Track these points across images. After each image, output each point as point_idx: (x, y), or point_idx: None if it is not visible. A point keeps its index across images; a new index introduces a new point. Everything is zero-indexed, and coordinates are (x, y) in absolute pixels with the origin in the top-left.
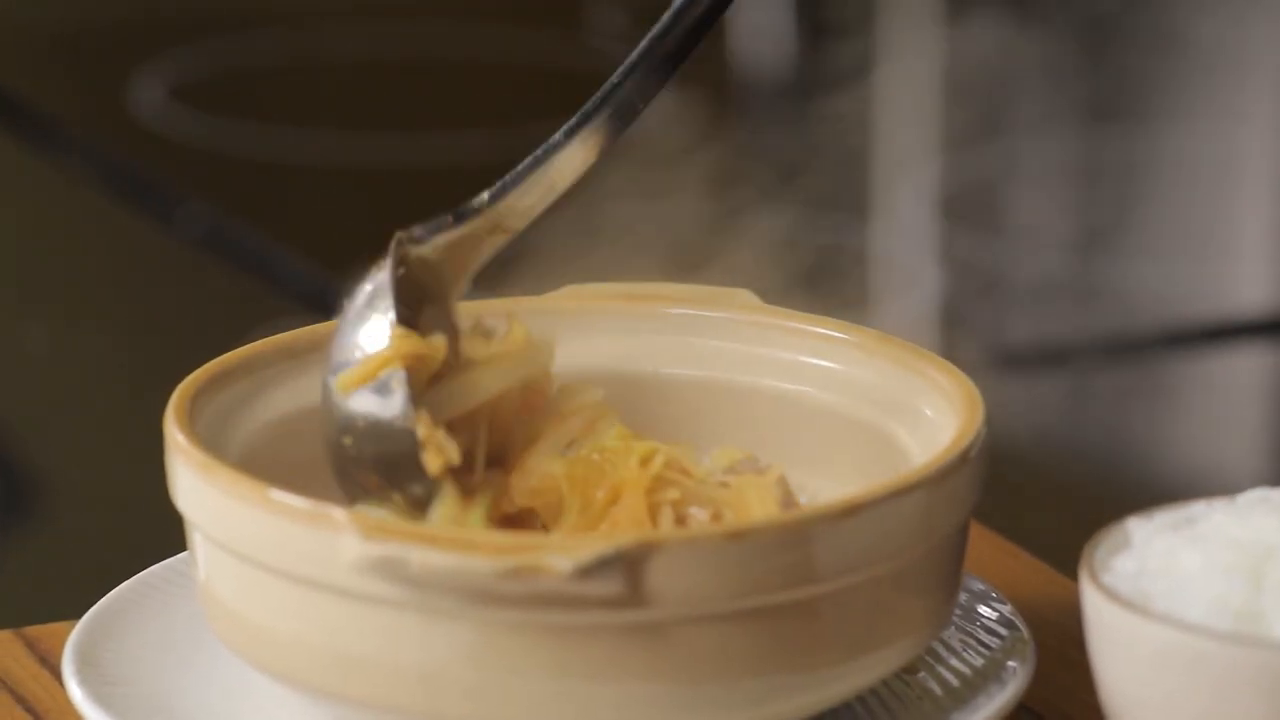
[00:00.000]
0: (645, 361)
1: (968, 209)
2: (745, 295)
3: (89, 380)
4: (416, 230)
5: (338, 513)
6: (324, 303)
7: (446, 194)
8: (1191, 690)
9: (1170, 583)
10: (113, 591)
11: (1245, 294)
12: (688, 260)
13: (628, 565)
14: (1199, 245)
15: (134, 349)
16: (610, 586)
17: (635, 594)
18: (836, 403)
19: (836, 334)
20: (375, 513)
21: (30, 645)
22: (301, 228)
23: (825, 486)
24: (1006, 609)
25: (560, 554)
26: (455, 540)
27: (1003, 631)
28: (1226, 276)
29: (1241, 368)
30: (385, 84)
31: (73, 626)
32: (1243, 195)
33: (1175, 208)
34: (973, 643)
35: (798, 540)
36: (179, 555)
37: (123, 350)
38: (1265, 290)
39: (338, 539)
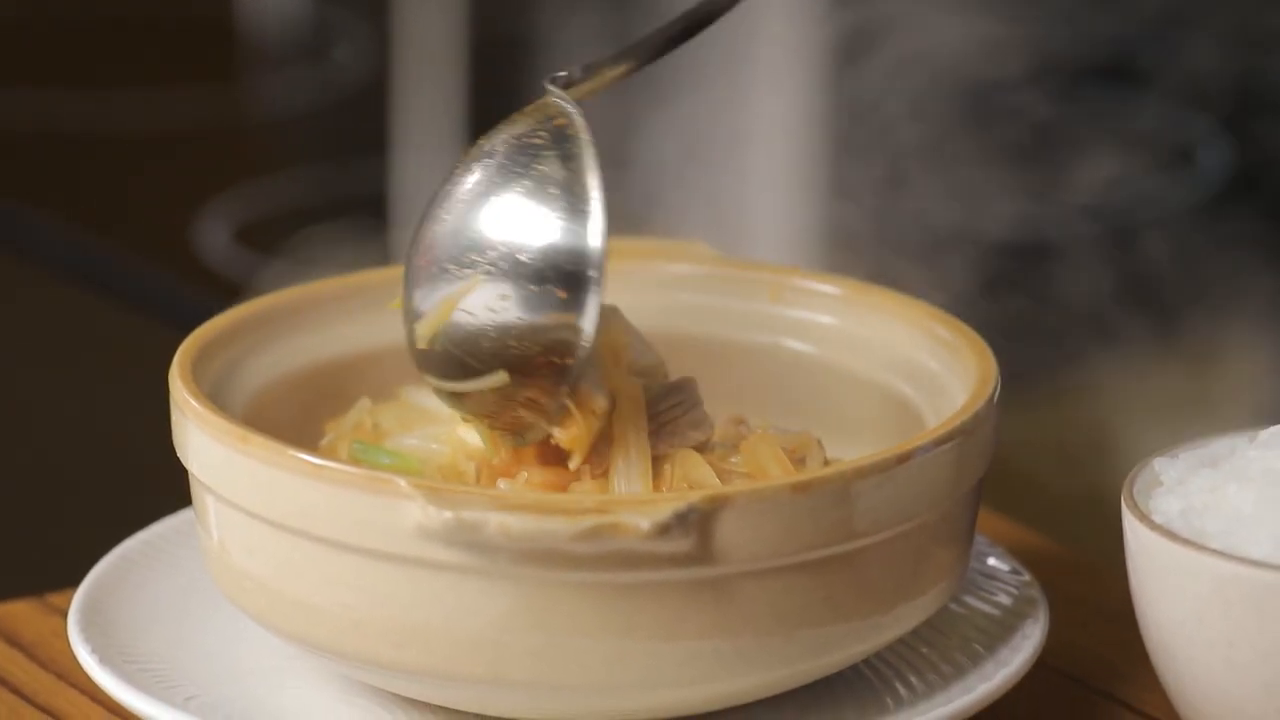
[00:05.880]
0: None
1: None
2: (700, 247)
3: None
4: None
5: (402, 480)
6: (71, 266)
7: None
8: (1257, 626)
9: (1224, 520)
10: (97, 566)
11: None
12: None
13: (701, 520)
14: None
15: None
16: (683, 543)
17: (705, 550)
18: (829, 356)
19: (821, 286)
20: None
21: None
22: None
23: (828, 442)
24: (999, 550)
25: (637, 512)
26: (532, 503)
27: (1012, 579)
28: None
29: None
30: (60, 43)
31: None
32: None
33: (699, 182)
34: (983, 593)
35: (858, 489)
36: (152, 528)
37: None
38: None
39: (401, 506)
